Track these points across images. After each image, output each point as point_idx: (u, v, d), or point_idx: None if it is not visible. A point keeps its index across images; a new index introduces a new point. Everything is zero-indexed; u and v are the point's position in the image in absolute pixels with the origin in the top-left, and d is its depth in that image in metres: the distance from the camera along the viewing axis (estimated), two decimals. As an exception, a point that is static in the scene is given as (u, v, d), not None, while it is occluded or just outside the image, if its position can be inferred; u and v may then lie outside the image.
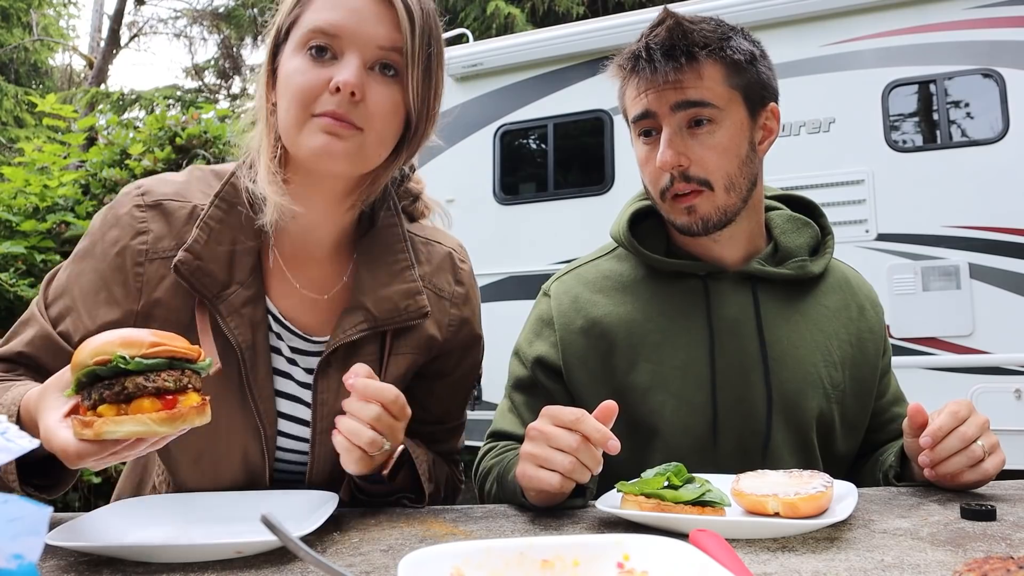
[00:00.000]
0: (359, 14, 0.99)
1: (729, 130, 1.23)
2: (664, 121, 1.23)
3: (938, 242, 4.11)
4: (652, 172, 1.27)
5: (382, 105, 1.01)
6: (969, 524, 0.91)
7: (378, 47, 1.00)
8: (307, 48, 1.01)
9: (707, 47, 1.22)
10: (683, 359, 1.27)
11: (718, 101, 1.22)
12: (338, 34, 0.99)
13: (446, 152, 5.51)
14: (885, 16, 4.35)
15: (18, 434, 0.52)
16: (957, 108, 4.29)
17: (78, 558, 0.86)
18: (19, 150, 5.70)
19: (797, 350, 1.29)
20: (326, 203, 1.10)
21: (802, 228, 1.37)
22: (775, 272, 1.30)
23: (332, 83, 0.98)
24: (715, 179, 1.23)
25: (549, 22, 8.27)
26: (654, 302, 1.31)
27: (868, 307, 1.39)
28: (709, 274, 1.31)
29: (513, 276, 4.94)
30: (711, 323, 1.28)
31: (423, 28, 1.02)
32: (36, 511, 0.43)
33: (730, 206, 1.25)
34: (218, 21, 13.61)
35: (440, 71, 1.09)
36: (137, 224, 1.07)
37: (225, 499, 1.08)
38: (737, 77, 1.24)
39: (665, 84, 1.21)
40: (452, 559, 0.64)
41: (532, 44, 5.26)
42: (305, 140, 1.00)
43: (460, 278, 1.22)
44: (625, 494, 0.96)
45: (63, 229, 4.78)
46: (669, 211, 1.28)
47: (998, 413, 3.93)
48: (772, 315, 1.29)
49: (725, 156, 1.23)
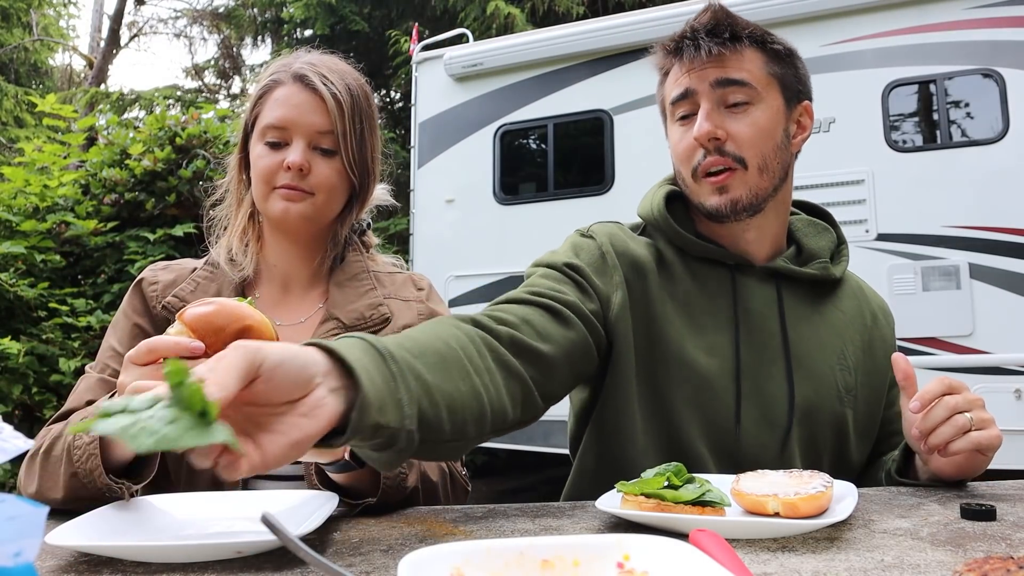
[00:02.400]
0: (299, 108, 1.29)
1: (767, 112, 1.23)
2: (703, 98, 1.23)
3: (938, 242, 4.11)
4: (686, 148, 1.25)
5: (326, 175, 1.30)
6: (969, 524, 0.91)
7: (316, 132, 1.29)
8: (264, 140, 1.30)
9: (751, 34, 1.23)
10: (709, 341, 1.25)
11: (757, 84, 1.22)
12: (286, 126, 1.29)
13: (446, 152, 5.52)
14: (885, 16, 4.35)
15: (13, 434, 0.52)
16: (957, 108, 4.29)
17: (78, 558, 0.86)
18: (19, 150, 5.71)
19: (815, 351, 1.28)
20: (298, 254, 1.37)
21: (823, 232, 1.38)
22: (800, 271, 1.30)
23: (285, 163, 1.27)
24: (749, 156, 1.22)
25: (549, 22, 8.27)
26: (682, 280, 1.28)
27: (880, 316, 1.40)
28: (737, 265, 1.30)
29: (513, 276, 4.94)
30: (736, 312, 1.27)
31: (352, 110, 1.30)
32: (34, 510, 0.43)
33: (762, 189, 1.24)
34: (218, 21, 13.62)
35: (374, 138, 1.37)
36: (150, 278, 1.35)
37: (225, 499, 1.08)
38: (777, 66, 1.25)
39: (708, 62, 1.22)
40: (452, 559, 0.64)
41: (532, 44, 5.27)
42: (271, 207, 1.30)
43: (420, 285, 1.44)
44: (625, 494, 0.96)
45: (63, 229, 4.79)
46: (699, 192, 1.26)
47: (998, 413, 3.92)
48: (795, 313, 1.29)
49: (761, 136, 1.22)
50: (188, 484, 1.19)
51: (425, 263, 5.26)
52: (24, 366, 4.16)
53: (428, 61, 5.65)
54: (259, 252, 1.38)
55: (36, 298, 4.45)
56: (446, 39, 5.99)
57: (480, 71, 5.38)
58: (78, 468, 1.02)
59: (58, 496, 1.05)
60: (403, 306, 1.37)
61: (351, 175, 1.33)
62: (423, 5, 9.58)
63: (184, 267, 1.38)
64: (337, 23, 10.02)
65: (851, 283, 1.40)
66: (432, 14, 9.43)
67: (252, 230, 1.38)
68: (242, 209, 1.38)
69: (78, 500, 1.04)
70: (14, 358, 4.10)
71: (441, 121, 5.56)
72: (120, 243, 4.83)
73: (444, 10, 9.21)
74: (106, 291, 4.78)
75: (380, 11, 10.03)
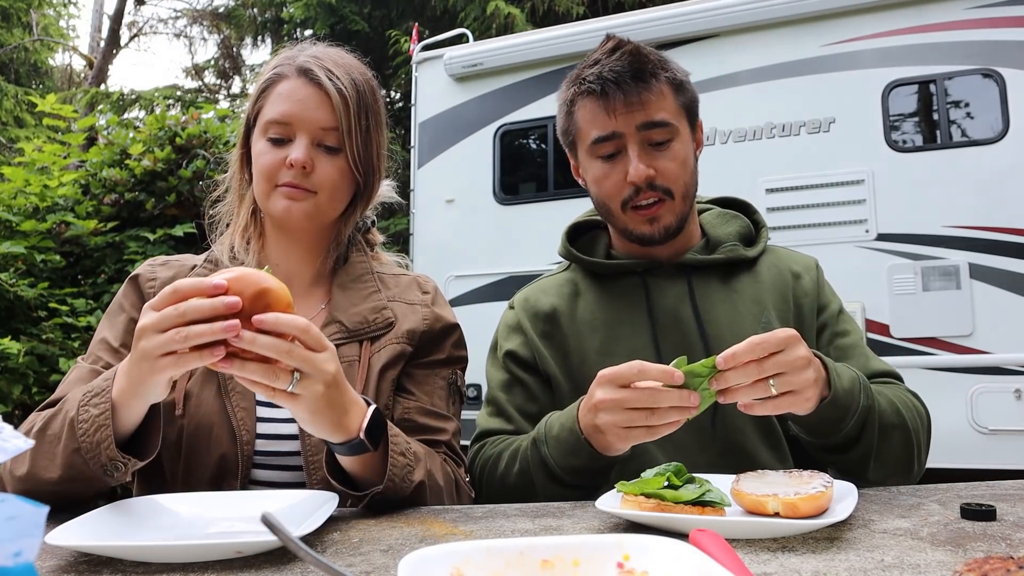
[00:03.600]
0: (303, 103, 1.25)
1: (683, 144, 1.38)
2: (631, 140, 1.35)
3: (938, 242, 4.10)
4: (614, 185, 1.38)
5: (329, 173, 1.26)
6: (969, 524, 0.91)
7: (320, 128, 1.25)
8: (267, 136, 1.26)
9: (664, 70, 1.37)
10: (628, 347, 1.38)
11: (675, 120, 1.37)
12: (289, 122, 1.25)
13: (446, 152, 5.51)
14: (885, 16, 4.35)
15: (13, 434, 0.52)
16: (957, 108, 4.29)
17: (78, 558, 0.86)
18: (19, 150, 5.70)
19: (733, 324, 1.37)
20: (301, 254, 1.34)
21: (731, 220, 1.51)
22: (707, 259, 1.42)
23: (287, 160, 1.23)
24: (676, 188, 1.37)
25: (549, 22, 8.26)
26: (600, 303, 1.45)
27: (803, 272, 1.46)
28: (646, 269, 1.44)
29: (513, 276, 4.93)
30: (652, 314, 1.40)
31: (358, 105, 1.27)
32: (33, 510, 0.43)
33: (685, 211, 1.40)
34: (218, 21, 13.62)
35: (380, 135, 1.33)
36: (148, 274, 1.33)
37: (225, 499, 1.08)
38: (682, 96, 1.39)
39: (632, 107, 1.34)
40: (452, 559, 0.64)
41: (532, 44, 5.26)
42: (273, 205, 1.26)
43: (425, 288, 1.40)
44: (625, 494, 0.96)
45: (63, 229, 4.78)
46: (629, 222, 1.40)
47: (998, 413, 3.93)
48: (708, 299, 1.40)
49: (683, 167, 1.38)
50: (184, 484, 1.18)
51: (425, 263, 5.26)
52: (24, 366, 4.15)
53: (428, 61, 5.65)
54: (261, 250, 1.35)
55: (36, 298, 4.45)
56: (446, 39, 5.99)
57: (480, 71, 5.37)
58: (83, 442, 1.00)
59: (53, 476, 1.02)
60: (407, 309, 1.34)
61: (356, 173, 1.29)
62: (423, 5, 9.58)
63: (183, 263, 1.36)
64: (337, 23, 10.02)
65: (771, 255, 1.49)
66: (432, 14, 9.43)
67: (254, 227, 1.35)
68: (244, 206, 1.35)
69: (73, 482, 1.02)
70: (14, 358, 4.09)
71: (441, 121, 5.55)
72: (120, 243, 4.83)
73: (444, 10, 9.20)
74: (106, 291, 4.78)
75: (380, 11, 10.03)
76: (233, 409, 1.20)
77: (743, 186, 4.39)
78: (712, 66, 4.62)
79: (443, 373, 1.34)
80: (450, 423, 1.31)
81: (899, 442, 1.23)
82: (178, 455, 1.19)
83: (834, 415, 1.14)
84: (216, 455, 1.19)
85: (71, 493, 1.05)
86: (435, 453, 1.24)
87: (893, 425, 1.21)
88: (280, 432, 1.22)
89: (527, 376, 1.44)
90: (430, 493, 1.14)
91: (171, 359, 0.91)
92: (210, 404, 1.21)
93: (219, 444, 1.19)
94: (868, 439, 1.18)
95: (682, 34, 4.74)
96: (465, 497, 1.27)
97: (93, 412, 1.00)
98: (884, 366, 1.40)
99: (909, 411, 1.27)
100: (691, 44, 4.74)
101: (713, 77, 4.60)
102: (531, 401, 1.43)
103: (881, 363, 1.41)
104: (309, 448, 1.20)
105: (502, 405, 1.43)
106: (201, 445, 1.19)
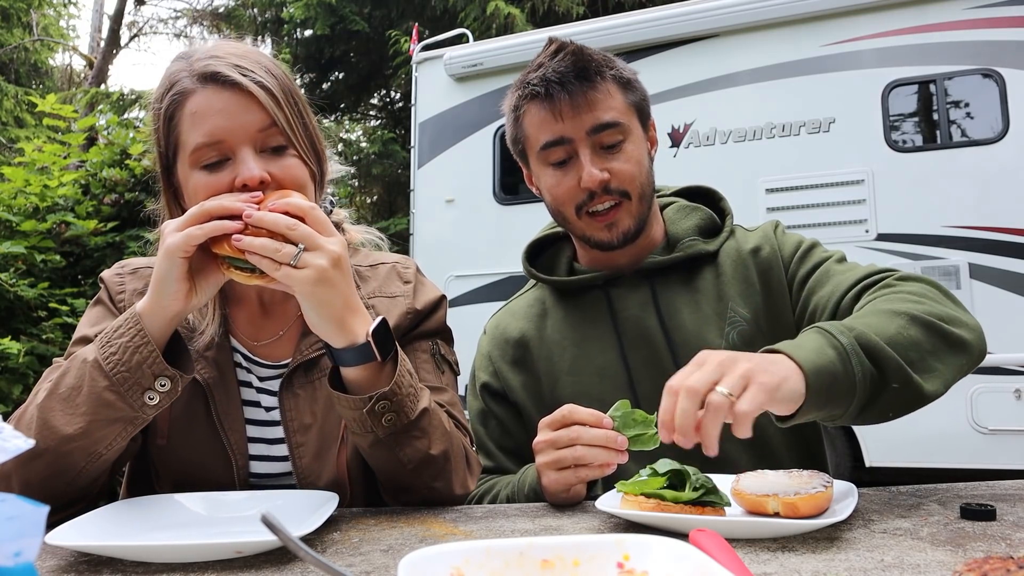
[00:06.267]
0: (227, 112, 1.06)
1: (636, 144, 1.35)
2: (582, 145, 1.31)
3: (938, 242, 4.10)
4: (568, 191, 1.34)
5: (291, 175, 1.10)
6: (969, 524, 0.91)
7: (257, 132, 1.08)
8: (199, 165, 1.08)
9: (609, 68, 1.33)
10: (598, 365, 1.37)
11: (625, 119, 1.33)
12: (220, 139, 1.06)
13: (446, 152, 5.51)
14: (885, 16, 4.35)
15: (13, 434, 0.52)
16: (957, 108, 4.29)
17: (78, 558, 0.86)
18: (19, 150, 5.70)
19: (699, 329, 1.35)
20: None
21: (690, 213, 1.45)
22: (667, 259, 1.39)
23: (238, 182, 1.05)
24: (632, 189, 1.33)
25: (549, 22, 8.27)
26: (567, 321, 1.43)
27: (762, 244, 1.40)
28: (608, 281, 1.41)
29: (513, 276, 4.93)
30: (617, 326, 1.38)
31: (283, 93, 1.10)
32: (34, 510, 0.43)
33: (643, 212, 1.36)
34: (218, 21, 13.61)
35: (308, 116, 1.17)
36: (116, 285, 1.24)
37: (225, 499, 1.08)
38: (631, 94, 1.36)
39: (579, 109, 1.30)
40: (452, 559, 0.64)
41: (532, 44, 5.25)
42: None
43: (406, 278, 1.32)
44: (625, 494, 0.96)
45: (63, 229, 4.79)
46: (586, 228, 1.37)
47: (998, 413, 3.93)
48: (671, 304, 1.38)
49: (638, 167, 1.34)
50: (178, 486, 1.17)
51: (425, 263, 5.22)
52: (24, 366, 4.16)
53: (428, 61, 5.65)
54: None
55: (36, 298, 4.45)
56: (446, 39, 5.99)
57: (480, 71, 5.37)
58: (115, 375, 0.98)
59: (69, 431, 0.98)
60: (389, 304, 1.27)
61: (308, 163, 1.14)
62: (423, 5, 9.57)
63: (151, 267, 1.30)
64: (337, 23, 10.01)
65: (732, 241, 1.43)
66: (432, 14, 9.42)
67: None
68: None
69: (95, 432, 0.99)
70: (14, 358, 4.09)
71: (441, 121, 5.55)
72: (120, 243, 4.83)
73: (444, 10, 9.20)
74: (106, 291, 4.77)
75: (380, 11, 10.03)
76: (226, 433, 1.17)
77: (743, 186, 4.40)
78: (712, 66, 4.62)
79: (423, 346, 1.27)
80: (443, 393, 1.24)
81: (923, 337, 1.04)
82: (169, 487, 1.18)
83: (825, 381, 0.94)
84: (212, 482, 1.16)
85: (86, 450, 1.00)
86: (453, 427, 1.18)
87: (901, 333, 1.03)
88: (272, 453, 1.20)
89: (499, 409, 1.45)
90: (435, 434, 1.08)
91: (186, 235, 0.98)
92: (202, 431, 1.18)
93: (213, 470, 1.17)
94: (892, 366, 0.99)
95: (682, 34, 4.74)
96: (475, 464, 1.21)
97: (122, 341, 0.99)
98: (867, 269, 1.27)
99: (912, 302, 1.09)
100: (691, 44, 4.73)
101: (713, 77, 4.60)
102: (506, 435, 1.44)
103: (864, 268, 1.27)
104: (301, 470, 1.18)
105: (482, 439, 1.45)
106: (197, 475, 1.17)
